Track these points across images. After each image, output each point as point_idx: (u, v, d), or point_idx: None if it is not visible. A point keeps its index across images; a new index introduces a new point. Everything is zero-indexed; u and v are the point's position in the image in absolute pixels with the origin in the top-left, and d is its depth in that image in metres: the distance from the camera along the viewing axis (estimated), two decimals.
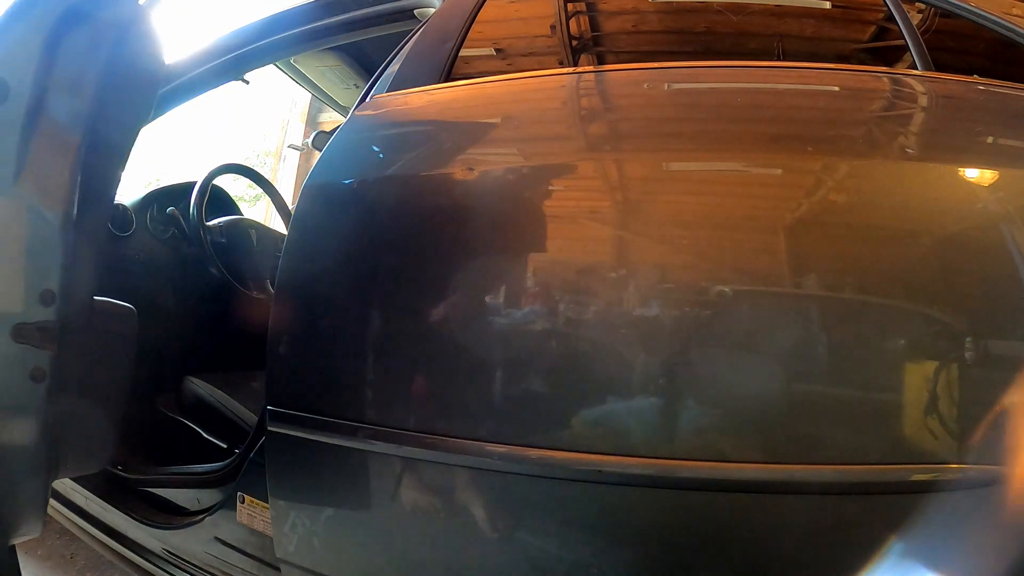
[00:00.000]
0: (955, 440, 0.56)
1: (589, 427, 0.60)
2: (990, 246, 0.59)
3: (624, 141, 0.73)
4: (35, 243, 0.63)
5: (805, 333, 0.59)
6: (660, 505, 0.60)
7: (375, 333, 0.69)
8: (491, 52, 0.96)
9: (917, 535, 0.51)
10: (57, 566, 1.26)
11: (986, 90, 0.71)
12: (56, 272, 0.64)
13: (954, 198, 0.63)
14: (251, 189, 4.04)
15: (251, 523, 0.79)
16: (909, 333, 0.59)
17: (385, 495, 0.69)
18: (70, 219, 0.65)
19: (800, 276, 0.61)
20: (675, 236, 0.64)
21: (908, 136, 0.69)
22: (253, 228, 1.59)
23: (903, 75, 0.77)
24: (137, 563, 0.99)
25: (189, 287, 1.42)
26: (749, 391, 0.58)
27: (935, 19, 0.83)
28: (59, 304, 0.64)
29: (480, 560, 0.66)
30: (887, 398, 0.57)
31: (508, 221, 0.69)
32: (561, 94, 0.80)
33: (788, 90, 0.74)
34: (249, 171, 1.73)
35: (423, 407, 0.66)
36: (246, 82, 1.39)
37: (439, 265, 0.68)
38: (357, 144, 0.81)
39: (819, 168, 0.65)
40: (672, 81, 0.76)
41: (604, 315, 0.62)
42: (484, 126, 0.78)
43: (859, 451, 0.56)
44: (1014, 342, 0.58)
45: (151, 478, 0.97)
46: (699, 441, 0.59)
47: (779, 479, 0.56)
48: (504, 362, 0.64)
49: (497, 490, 0.64)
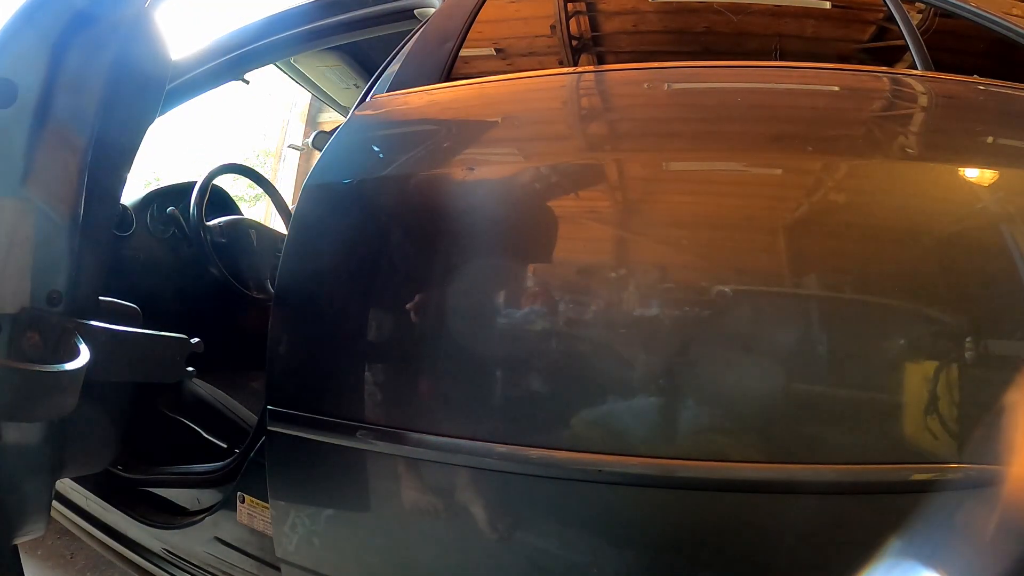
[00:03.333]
0: (955, 440, 0.56)
1: (589, 427, 0.60)
2: (990, 246, 0.59)
3: (624, 141, 0.73)
4: (42, 244, 0.63)
5: (805, 333, 0.59)
6: (660, 505, 0.60)
7: (375, 333, 0.69)
8: (491, 52, 0.96)
9: (917, 535, 0.51)
10: (57, 566, 1.26)
11: (986, 90, 0.71)
12: (63, 273, 0.64)
13: (954, 198, 0.63)
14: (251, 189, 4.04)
15: (251, 523, 0.79)
16: (909, 333, 0.59)
17: (385, 495, 0.69)
18: (77, 220, 0.65)
19: (800, 276, 0.61)
20: (675, 236, 0.64)
21: (908, 136, 0.69)
22: (253, 228, 1.59)
23: (903, 75, 0.77)
24: (137, 563, 0.99)
25: (189, 287, 1.42)
26: (749, 391, 0.58)
27: (935, 19, 0.83)
28: (66, 304, 0.64)
29: (480, 560, 0.66)
30: (887, 398, 0.57)
31: (508, 221, 0.69)
32: (561, 94, 0.80)
33: (788, 90, 0.74)
34: (249, 171, 1.73)
35: (423, 407, 0.66)
36: (246, 82, 1.39)
37: (439, 265, 0.68)
38: (357, 144, 0.81)
39: (819, 168, 0.65)
40: (672, 81, 0.76)
41: (604, 315, 0.62)
42: (484, 126, 0.78)
43: (859, 451, 0.56)
44: (1014, 342, 0.58)
45: (151, 478, 0.97)
46: (699, 441, 0.59)
47: (779, 479, 0.56)
48: (504, 362, 0.64)
49: (497, 490, 0.64)
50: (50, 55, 0.61)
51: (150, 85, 0.75)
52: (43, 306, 0.63)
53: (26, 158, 0.61)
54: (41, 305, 0.63)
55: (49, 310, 0.63)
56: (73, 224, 0.65)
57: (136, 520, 0.92)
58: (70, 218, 0.65)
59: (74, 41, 0.63)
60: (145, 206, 1.39)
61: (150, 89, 0.75)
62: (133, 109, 0.73)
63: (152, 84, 0.75)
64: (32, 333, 0.62)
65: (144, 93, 0.74)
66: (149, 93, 0.75)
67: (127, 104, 0.71)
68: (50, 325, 0.63)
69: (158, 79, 0.76)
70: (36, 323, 0.62)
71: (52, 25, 0.62)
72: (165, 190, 1.46)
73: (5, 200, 0.61)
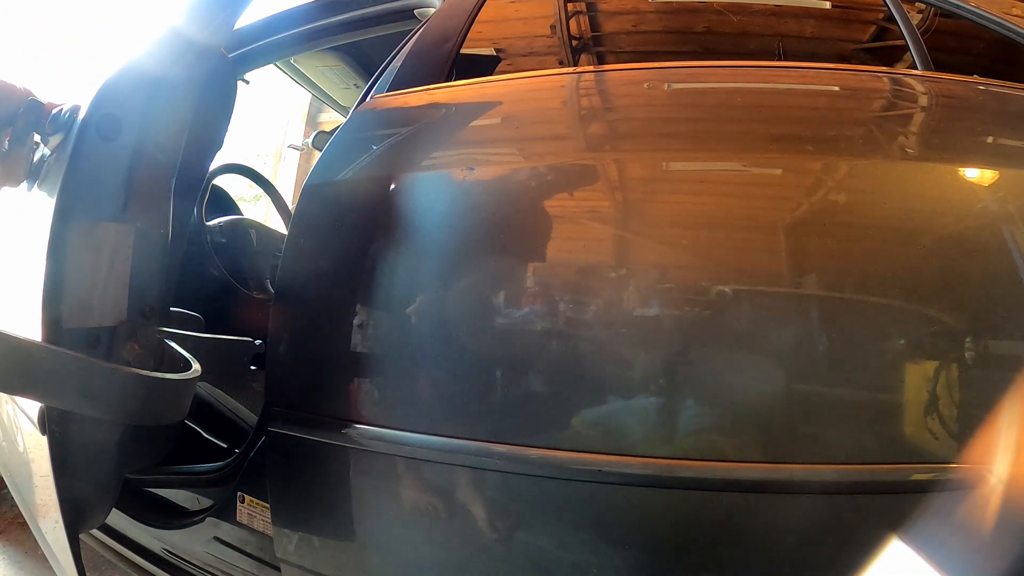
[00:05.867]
0: (955, 440, 0.56)
1: (590, 427, 0.60)
2: (990, 246, 0.59)
3: (624, 141, 0.73)
4: (139, 264, 0.70)
5: (805, 333, 0.59)
6: (660, 505, 0.60)
7: (375, 333, 0.69)
8: (491, 52, 0.96)
9: (917, 535, 0.51)
10: None
11: (986, 90, 0.71)
12: (155, 288, 0.72)
13: (954, 198, 0.63)
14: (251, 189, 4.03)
15: (251, 523, 0.79)
16: (909, 333, 0.59)
17: (385, 495, 0.69)
18: (167, 240, 0.74)
19: (800, 276, 0.61)
20: (675, 236, 0.64)
21: (908, 136, 0.69)
22: (253, 228, 1.59)
23: (903, 75, 0.77)
24: (137, 563, 0.99)
25: (189, 287, 1.42)
26: (749, 391, 0.58)
27: (935, 19, 0.84)
28: (157, 317, 0.72)
29: (480, 560, 0.66)
30: (887, 398, 0.57)
31: (508, 221, 0.69)
32: (561, 94, 0.80)
33: (788, 90, 0.74)
34: (249, 171, 1.72)
35: (423, 407, 0.66)
36: (246, 82, 1.39)
37: (439, 265, 0.68)
38: (357, 144, 0.81)
39: (819, 168, 0.65)
40: (672, 81, 0.76)
41: (604, 315, 0.62)
42: (484, 126, 0.78)
43: (859, 451, 0.56)
44: (1014, 342, 0.58)
45: (151, 478, 0.97)
46: (699, 441, 0.59)
47: (779, 479, 0.56)
48: (504, 362, 0.64)
49: (497, 490, 0.64)
50: (148, 97, 0.68)
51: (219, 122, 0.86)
52: (138, 319, 0.69)
53: (127, 185, 0.68)
54: (136, 318, 0.69)
55: (144, 323, 0.70)
56: (164, 243, 0.73)
57: (136, 520, 0.92)
58: (162, 238, 0.73)
59: (169, 87, 0.70)
60: None
61: (218, 126, 0.86)
62: (206, 138, 0.84)
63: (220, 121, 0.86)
64: (132, 344, 0.68)
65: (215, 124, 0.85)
66: (218, 130, 0.86)
67: (202, 134, 0.81)
68: (147, 336, 0.70)
69: (224, 117, 0.86)
70: (134, 335, 0.68)
71: (157, 70, 0.69)
72: None
73: (109, 225, 0.67)
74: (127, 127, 0.66)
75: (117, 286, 0.67)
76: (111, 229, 0.67)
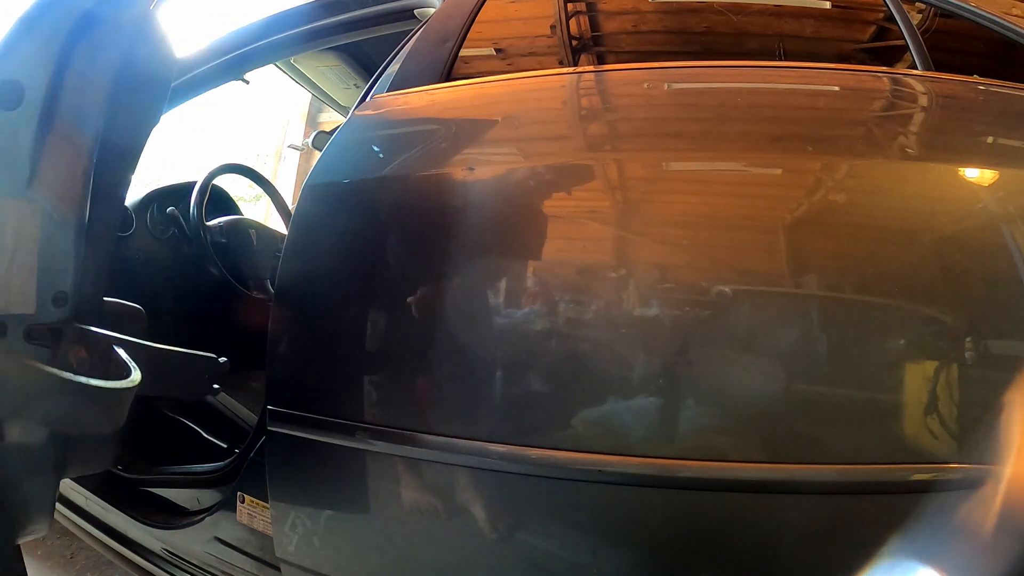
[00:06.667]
0: (955, 440, 0.56)
1: (590, 427, 0.60)
2: (990, 246, 0.59)
3: (624, 141, 0.73)
4: (48, 246, 0.62)
5: (805, 333, 0.59)
6: (660, 505, 0.60)
7: (375, 333, 0.69)
8: (491, 52, 0.96)
9: (917, 535, 0.51)
10: (57, 566, 1.26)
11: (986, 90, 0.71)
12: (69, 274, 0.64)
13: (954, 198, 0.63)
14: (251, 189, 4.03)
15: (251, 523, 0.79)
16: (909, 333, 0.59)
17: (385, 495, 0.69)
18: (83, 221, 0.65)
19: (800, 276, 0.61)
20: (675, 236, 0.64)
21: (908, 136, 0.69)
22: (253, 228, 1.59)
23: (903, 75, 0.76)
24: (137, 563, 0.99)
25: (189, 287, 1.42)
26: (749, 391, 0.58)
27: (935, 19, 0.83)
28: (71, 305, 0.64)
29: (480, 560, 0.66)
30: (887, 398, 0.57)
31: (508, 221, 0.69)
32: (561, 94, 0.80)
33: (788, 90, 0.74)
34: (249, 171, 1.72)
35: (423, 407, 0.66)
36: (246, 82, 1.39)
37: (439, 265, 0.68)
38: (357, 144, 0.81)
39: (819, 168, 0.65)
40: (672, 81, 0.76)
41: (604, 315, 0.62)
42: (484, 126, 0.78)
43: (859, 451, 0.56)
44: (1014, 342, 0.58)
45: (151, 478, 0.97)
46: (699, 441, 0.59)
47: (779, 479, 0.56)
48: (504, 362, 0.64)
49: (497, 490, 0.64)
50: (56, 56, 0.61)
51: (155, 85, 0.74)
52: (49, 307, 0.63)
53: (32, 159, 0.61)
54: (47, 306, 0.63)
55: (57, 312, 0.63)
56: (79, 225, 0.65)
57: (136, 520, 0.92)
58: (75, 219, 0.65)
59: (80, 42, 0.62)
60: (145, 206, 1.39)
61: (155, 90, 0.75)
62: (138, 110, 0.73)
63: (157, 85, 0.75)
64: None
65: (149, 94, 0.74)
66: (154, 94, 0.75)
67: (132, 105, 0.71)
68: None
69: (163, 79, 0.75)
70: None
71: (58, 27, 0.61)
72: (165, 190, 1.46)
73: (11, 201, 0.60)
74: (31, 94, 0.59)
75: (21, 270, 0.60)
76: (12, 206, 0.60)
